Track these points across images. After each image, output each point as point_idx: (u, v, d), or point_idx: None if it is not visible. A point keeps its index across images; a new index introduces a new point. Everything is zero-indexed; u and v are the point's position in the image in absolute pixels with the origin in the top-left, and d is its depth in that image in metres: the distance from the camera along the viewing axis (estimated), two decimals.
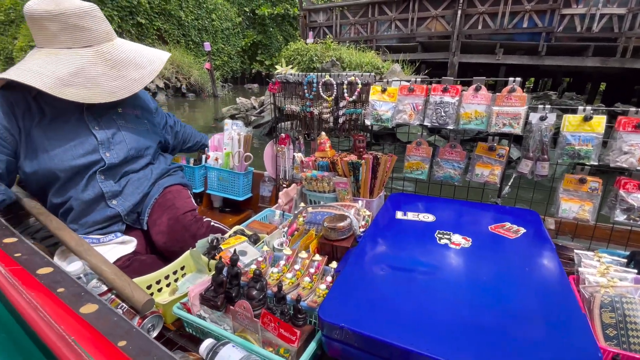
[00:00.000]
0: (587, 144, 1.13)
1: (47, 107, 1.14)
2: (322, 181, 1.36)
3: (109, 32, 1.20)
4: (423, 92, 1.26)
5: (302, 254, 1.01)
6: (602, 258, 1.05)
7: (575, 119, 1.14)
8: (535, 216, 1.13)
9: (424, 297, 0.75)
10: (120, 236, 1.19)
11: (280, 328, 0.73)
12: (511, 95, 1.17)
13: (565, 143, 1.14)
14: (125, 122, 1.28)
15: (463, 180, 1.34)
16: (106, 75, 1.15)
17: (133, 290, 0.82)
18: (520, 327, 0.67)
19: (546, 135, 1.18)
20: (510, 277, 0.82)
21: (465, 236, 1.00)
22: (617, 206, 1.12)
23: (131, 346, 0.54)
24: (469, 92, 1.21)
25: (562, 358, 0.60)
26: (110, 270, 0.88)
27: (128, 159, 1.24)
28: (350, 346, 0.69)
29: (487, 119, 1.21)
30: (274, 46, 18.90)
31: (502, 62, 7.73)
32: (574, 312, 0.72)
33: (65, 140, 1.13)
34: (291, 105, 1.56)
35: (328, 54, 7.72)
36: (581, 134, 1.13)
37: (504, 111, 1.17)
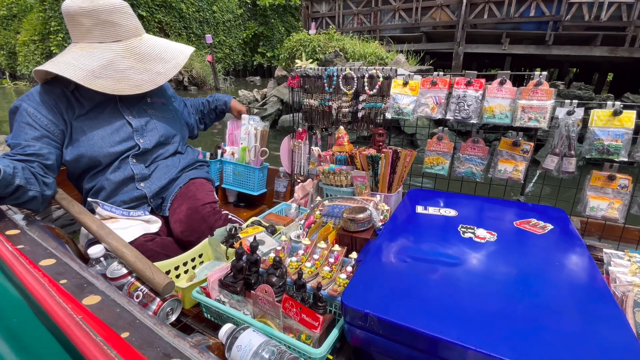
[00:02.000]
0: (616, 140, 1.09)
1: (84, 100, 1.21)
2: (340, 175, 1.35)
3: (137, 28, 1.26)
4: (446, 85, 1.24)
5: (321, 244, 1.00)
6: (633, 258, 1.01)
7: (604, 114, 1.10)
8: (562, 213, 1.10)
9: (451, 287, 0.73)
10: (148, 215, 1.22)
11: (303, 313, 0.72)
12: (537, 88, 1.14)
13: (594, 138, 1.11)
14: (155, 110, 1.36)
15: (485, 176, 1.31)
16: (134, 69, 1.21)
17: (154, 272, 0.82)
18: (555, 321, 0.64)
19: (573, 131, 1.15)
20: (540, 271, 0.79)
21: (490, 230, 0.97)
22: None
23: (134, 337, 0.54)
24: (493, 86, 1.19)
25: (602, 354, 0.57)
26: (131, 253, 0.88)
27: (158, 145, 1.32)
28: (375, 334, 0.67)
29: (511, 113, 1.18)
30: (276, 37, 18.80)
31: (508, 52, 7.57)
32: (611, 308, 0.68)
33: (103, 129, 1.21)
34: (310, 100, 1.56)
35: (331, 45, 7.66)
36: (610, 129, 1.10)
37: (530, 105, 1.14)
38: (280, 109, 7.63)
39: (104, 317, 0.58)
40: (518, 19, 7.43)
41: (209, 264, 1.08)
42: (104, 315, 0.58)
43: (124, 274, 0.87)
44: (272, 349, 0.67)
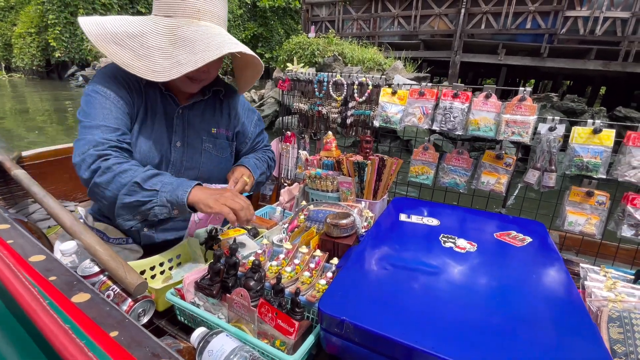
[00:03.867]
0: (595, 157, 1.12)
1: (149, 100, 1.07)
2: (326, 180, 1.34)
3: (200, 11, 0.99)
4: (433, 96, 1.26)
5: (303, 249, 0.99)
6: (608, 273, 1.03)
7: (585, 131, 1.13)
8: (541, 227, 1.11)
9: (429, 296, 0.72)
10: (131, 243, 1.14)
11: (278, 319, 0.70)
12: (521, 104, 1.16)
13: (574, 155, 1.13)
14: (213, 146, 1.18)
15: (468, 188, 1.33)
16: (162, 51, 0.96)
17: (127, 272, 0.79)
18: (528, 332, 0.64)
19: (554, 146, 1.17)
20: (517, 283, 0.80)
21: (471, 241, 0.98)
22: (625, 222, 1.10)
23: (123, 336, 0.53)
24: (479, 99, 1.21)
25: None
26: (104, 251, 0.85)
27: None
28: (351, 342, 0.66)
29: (495, 127, 1.20)
30: (275, 39, 18.84)
31: (503, 62, 7.74)
32: (584, 321, 0.69)
33: (147, 144, 1.06)
34: (299, 104, 1.55)
35: (330, 49, 7.74)
36: (590, 146, 1.13)
37: (514, 119, 1.17)
38: (277, 111, 7.64)
39: (93, 316, 0.56)
40: (514, 31, 7.62)
41: (187, 266, 1.05)
42: (93, 314, 0.57)
43: (96, 272, 0.84)
44: (244, 355, 0.65)
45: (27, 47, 14.75)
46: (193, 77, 1.04)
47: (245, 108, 1.30)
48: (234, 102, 1.25)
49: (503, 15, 7.58)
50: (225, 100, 1.23)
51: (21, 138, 7.34)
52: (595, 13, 6.88)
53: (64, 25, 14.82)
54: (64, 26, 14.83)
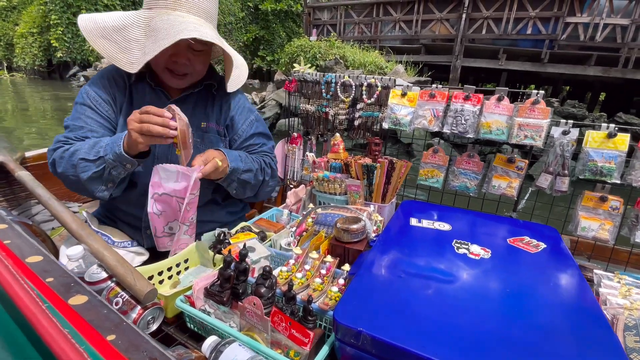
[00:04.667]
0: (610, 162, 1.10)
1: (136, 96, 1.10)
2: (334, 182, 1.33)
3: (175, 1, 0.99)
4: (444, 98, 1.24)
5: (313, 254, 0.97)
6: (622, 280, 1.02)
7: (599, 136, 1.11)
8: (554, 232, 1.10)
9: (447, 306, 0.71)
10: (136, 246, 1.13)
11: (292, 328, 0.68)
12: (534, 107, 1.15)
13: (588, 159, 1.12)
14: (201, 141, 1.15)
15: (479, 191, 1.31)
16: (137, 43, 1.00)
17: (136, 278, 0.78)
18: (551, 344, 0.62)
19: (567, 150, 1.16)
20: (535, 292, 0.78)
21: (484, 247, 0.96)
22: (638, 227, 1.09)
23: (120, 340, 0.51)
24: (490, 102, 1.19)
25: None
26: (112, 256, 0.84)
27: None
28: (367, 353, 0.64)
29: (507, 130, 1.19)
30: (276, 42, 18.90)
31: (504, 67, 7.77)
32: (604, 331, 0.67)
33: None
34: (306, 105, 1.54)
35: (332, 52, 7.76)
36: (604, 150, 1.11)
37: (526, 123, 1.15)
38: (278, 113, 7.63)
39: (90, 318, 0.55)
40: (515, 36, 7.64)
41: (195, 269, 1.04)
42: (90, 316, 0.56)
43: (103, 278, 0.82)
44: None
45: (29, 47, 14.77)
46: (173, 70, 1.04)
47: (240, 105, 1.23)
48: (228, 96, 1.20)
49: (504, 21, 7.60)
50: (218, 95, 1.19)
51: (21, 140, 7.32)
52: (595, 19, 6.90)
53: (66, 25, 14.82)
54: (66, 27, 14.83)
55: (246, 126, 1.23)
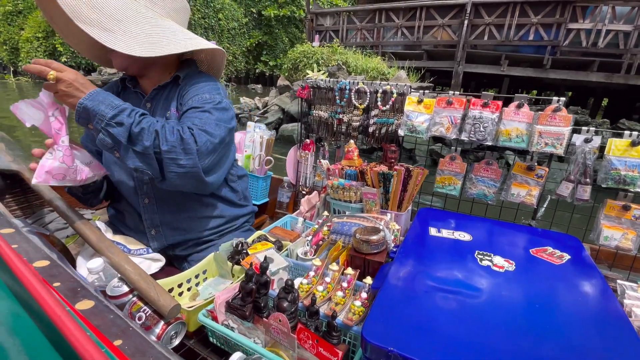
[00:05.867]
0: (633, 170, 1.08)
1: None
2: (350, 190, 1.31)
3: None
4: (462, 105, 1.22)
5: (333, 266, 0.96)
6: None
7: (622, 144, 1.09)
8: (577, 242, 1.08)
9: (477, 323, 0.69)
10: (151, 252, 1.13)
11: (320, 346, 0.67)
12: (555, 114, 1.13)
13: (611, 168, 1.10)
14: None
15: (497, 199, 1.29)
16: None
17: (159, 294, 0.77)
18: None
19: (589, 158, 1.14)
20: (564, 306, 0.76)
21: (508, 259, 0.94)
22: None
23: (127, 345, 0.52)
24: (510, 109, 1.18)
25: None
26: (133, 270, 0.83)
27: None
28: None
29: (527, 138, 1.17)
30: (279, 47, 18.95)
31: (506, 73, 7.74)
32: (635, 346, 0.65)
33: None
34: (319, 112, 1.52)
35: (334, 58, 7.76)
36: (627, 159, 1.09)
37: (547, 130, 1.13)
38: (281, 118, 7.62)
39: (97, 323, 0.56)
40: (517, 42, 7.61)
41: (213, 281, 1.03)
42: (97, 321, 0.56)
43: (125, 292, 0.81)
44: None
45: (34, 52, 14.90)
46: (119, 69, 1.10)
47: (199, 87, 1.09)
48: (190, 82, 1.13)
49: (506, 27, 7.58)
50: (184, 83, 1.13)
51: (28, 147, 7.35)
52: (597, 26, 6.86)
53: None
54: None
55: (188, 100, 1.08)
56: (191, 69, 1.19)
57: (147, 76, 1.15)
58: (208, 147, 0.96)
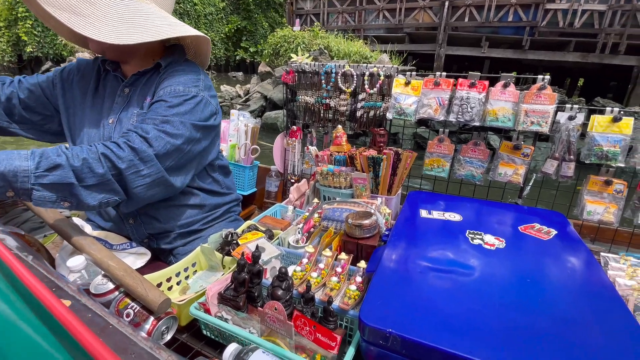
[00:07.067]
0: (615, 145, 1.11)
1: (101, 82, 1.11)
2: (339, 176, 1.30)
3: None
4: (449, 86, 1.21)
5: (326, 252, 0.95)
6: (628, 261, 1.03)
7: (604, 120, 1.11)
8: (562, 218, 1.10)
9: (472, 301, 0.70)
10: (135, 247, 1.09)
11: (317, 332, 0.66)
12: (541, 92, 1.13)
13: (594, 144, 1.12)
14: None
15: (485, 179, 1.30)
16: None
17: (147, 289, 0.74)
18: (576, 333, 0.62)
19: (573, 135, 1.16)
20: (554, 279, 0.78)
21: (498, 237, 0.95)
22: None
23: (108, 343, 0.50)
24: (496, 89, 1.18)
25: None
26: (118, 266, 0.79)
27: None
28: (396, 353, 0.63)
29: (514, 117, 1.17)
30: (259, 33, 18.31)
31: (487, 55, 7.88)
32: (626, 316, 0.68)
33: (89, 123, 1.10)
34: (305, 97, 1.49)
35: (316, 42, 7.67)
36: (609, 135, 1.11)
37: (533, 109, 1.14)
38: (263, 106, 7.48)
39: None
40: (497, 24, 7.71)
41: (203, 273, 1.00)
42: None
43: (111, 289, 0.78)
44: None
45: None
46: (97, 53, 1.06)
47: (176, 77, 1.02)
48: (171, 70, 1.05)
49: (486, 8, 7.65)
50: (164, 72, 1.06)
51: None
52: (574, 5, 7.02)
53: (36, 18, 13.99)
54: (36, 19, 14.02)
55: (161, 90, 1.00)
56: (176, 56, 1.12)
57: (127, 62, 1.08)
58: (168, 148, 0.91)
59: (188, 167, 1.05)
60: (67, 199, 0.80)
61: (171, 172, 0.97)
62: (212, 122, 1.08)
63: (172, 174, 0.98)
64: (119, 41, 0.90)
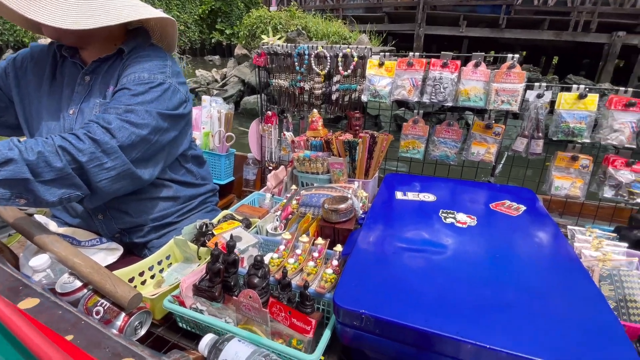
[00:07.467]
0: (580, 122, 1.14)
1: (58, 71, 1.04)
2: (316, 162, 1.29)
3: None
4: (422, 67, 1.21)
5: (303, 238, 0.94)
6: (594, 233, 1.09)
7: (571, 97, 1.14)
8: (531, 194, 1.14)
9: (444, 278, 0.71)
10: (105, 242, 1.04)
11: (293, 317, 0.67)
12: (510, 71, 1.15)
13: (561, 121, 1.15)
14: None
15: (459, 159, 1.32)
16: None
17: (115, 284, 0.71)
18: (544, 304, 0.65)
19: (542, 113, 1.18)
20: (522, 254, 0.81)
21: (470, 214, 0.98)
22: (606, 183, 1.15)
23: (79, 339, 0.51)
24: (468, 68, 1.18)
25: (590, 333, 0.59)
26: (84, 263, 0.76)
27: None
28: (370, 333, 0.64)
29: (485, 96, 1.19)
30: (235, 14, 17.53)
31: (465, 34, 7.96)
32: (589, 285, 0.71)
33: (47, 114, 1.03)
34: (279, 80, 1.45)
35: (293, 23, 7.45)
36: (575, 112, 1.14)
37: (503, 88, 1.15)
38: (241, 90, 7.27)
39: (45, 320, 0.53)
40: (474, 2, 7.74)
41: (178, 266, 0.98)
42: (45, 319, 0.54)
43: (78, 287, 0.75)
44: (261, 359, 0.62)
45: None
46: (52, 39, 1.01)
47: (141, 63, 0.97)
48: (135, 56, 1.00)
49: None
50: (128, 59, 1.00)
51: None
52: None
53: None
54: None
55: (124, 77, 0.96)
56: (140, 40, 1.05)
57: (85, 48, 1.01)
58: (133, 139, 0.88)
59: (157, 158, 1.01)
60: (23, 196, 0.75)
61: (138, 164, 0.94)
62: (182, 110, 1.04)
63: (139, 166, 0.94)
64: (75, 26, 0.84)
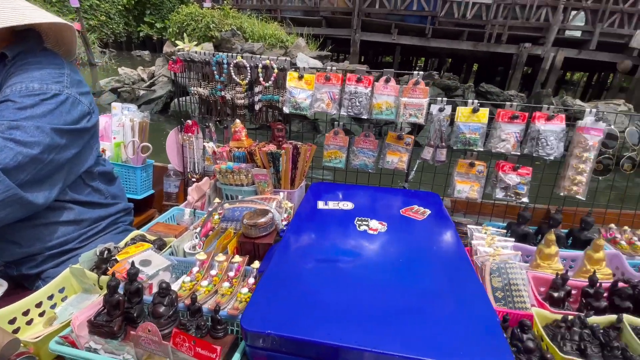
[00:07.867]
0: (475, 133, 1.30)
1: None
2: (240, 173, 1.26)
3: None
4: (339, 81, 1.26)
5: (219, 257, 0.91)
6: (487, 230, 1.24)
7: (466, 111, 1.29)
8: (437, 198, 1.26)
9: (347, 288, 0.75)
10: None
11: (197, 347, 0.64)
12: (416, 87, 1.25)
13: (459, 132, 1.29)
14: None
15: (376, 167, 1.41)
16: None
17: None
18: (433, 305, 0.72)
19: (444, 125, 1.32)
20: (420, 258, 0.89)
21: (382, 221, 1.05)
22: (497, 185, 1.33)
23: None
24: (379, 84, 1.26)
25: (469, 328, 0.67)
26: None
27: None
28: (278, 352, 0.64)
29: (396, 110, 1.28)
30: (166, 6, 16.41)
31: (397, 42, 8.64)
32: (473, 282, 0.81)
33: None
34: (199, 88, 1.38)
35: (227, 22, 7.19)
36: (470, 124, 1.30)
37: (410, 102, 1.25)
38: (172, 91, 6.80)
39: None
40: (404, 12, 8.39)
41: (75, 298, 0.88)
42: None
43: None
44: None
45: None
46: None
47: (29, 71, 0.86)
48: (22, 62, 0.89)
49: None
50: (13, 65, 0.90)
51: None
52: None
53: None
54: None
55: (8, 87, 0.85)
56: (29, 44, 0.92)
57: None
58: (19, 160, 0.78)
59: (53, 179, 0.89)
60: None
61: (29, 187, 0.82)
62: (84, 124, 0.93)
63: (31, 190, 0.83)
64: None
